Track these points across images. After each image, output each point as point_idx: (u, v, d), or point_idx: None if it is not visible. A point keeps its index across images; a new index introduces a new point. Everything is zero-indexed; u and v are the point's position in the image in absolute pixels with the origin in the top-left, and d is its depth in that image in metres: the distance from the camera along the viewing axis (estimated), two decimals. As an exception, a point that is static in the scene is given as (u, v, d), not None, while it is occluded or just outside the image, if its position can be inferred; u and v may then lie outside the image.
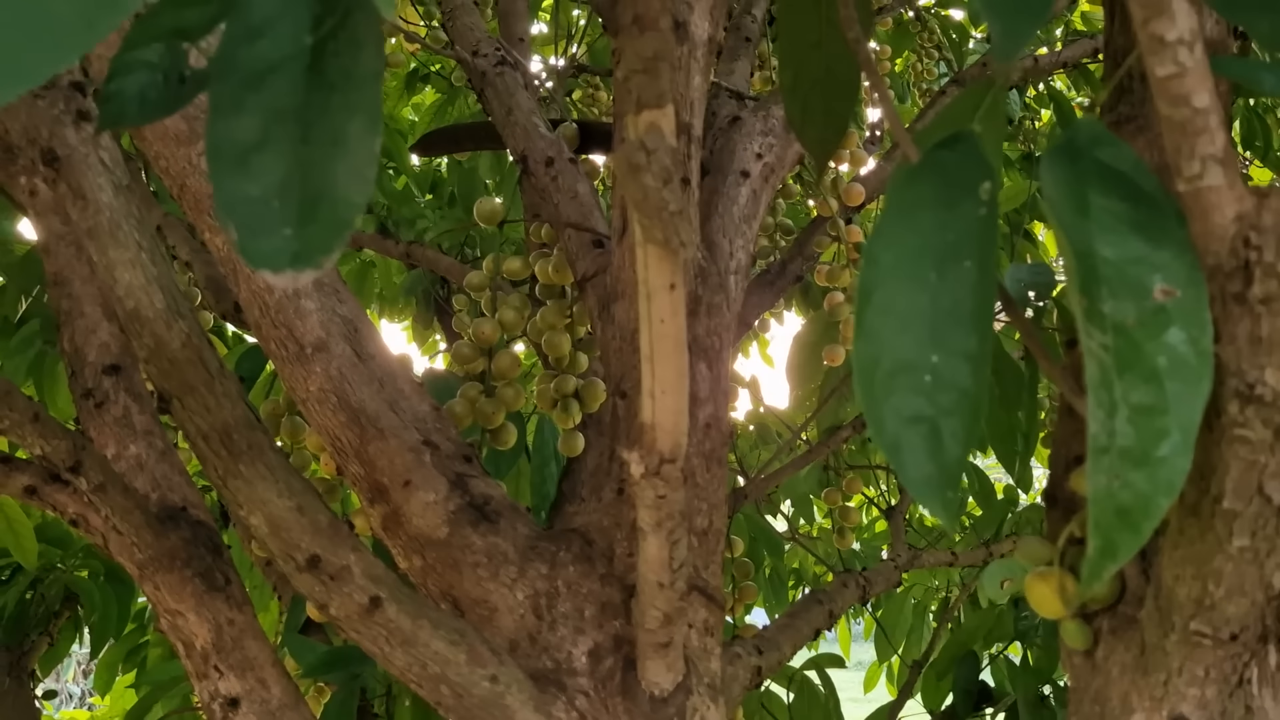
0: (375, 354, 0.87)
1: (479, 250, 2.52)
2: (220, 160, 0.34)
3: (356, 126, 0.35)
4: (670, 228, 0.52)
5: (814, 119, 0.66)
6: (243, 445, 0.68)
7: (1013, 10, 0.40)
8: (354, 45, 0.36)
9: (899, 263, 0.44)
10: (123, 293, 0.68)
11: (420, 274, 2.41)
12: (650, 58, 0.51)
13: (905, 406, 0.43)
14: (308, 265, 0.33)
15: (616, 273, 0.90)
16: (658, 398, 0.57)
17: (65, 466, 0.88)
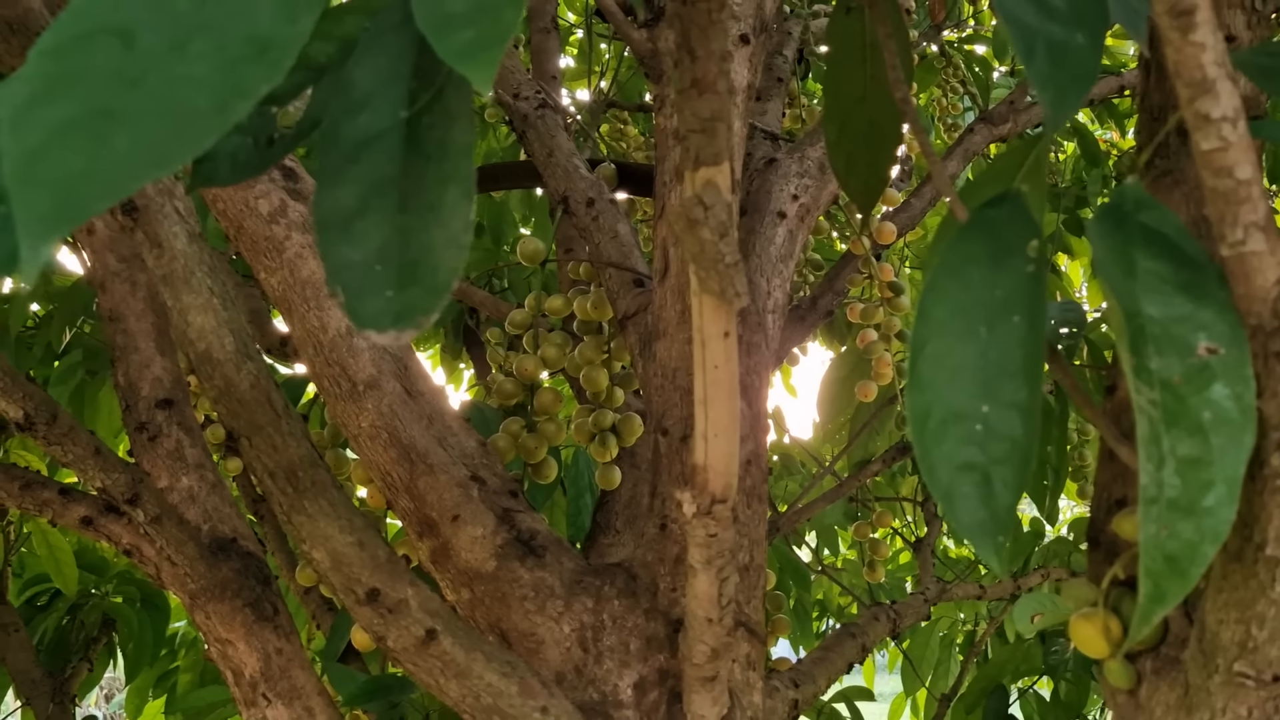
0: (425, 391, 0.89)
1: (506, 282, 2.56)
2: (326, 228, 0.37)
3: (451, 195, 0.37)
4: (726, 279, 0.54)
5: (858, 170, 0.68)
6: (307, 482, 0.70)
7: (1061, 82, 0.42)
8: (447, 119, 0.38)
9: (951, 317, 0.46)
10: (195, 335, 0.71)
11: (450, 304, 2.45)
12: (708, 118, 0.53)
13: (957, 455, 0.45)
14: (409, 325, 0.36)
15: (658, 312, 0.93)
16: (710, 440, 0.59)
17: (124, 499, 0.91)
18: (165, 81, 0.32)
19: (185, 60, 0.33)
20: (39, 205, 0.29)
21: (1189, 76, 0.35)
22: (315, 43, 0.48)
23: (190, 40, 0.33)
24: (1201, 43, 0.34)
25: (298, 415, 0.75)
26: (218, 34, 0.34)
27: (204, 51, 0.33)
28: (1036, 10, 0.43)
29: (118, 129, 0.31)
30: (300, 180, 0.89)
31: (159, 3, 0.34)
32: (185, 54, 0.33)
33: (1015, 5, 0.43)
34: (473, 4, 0.36)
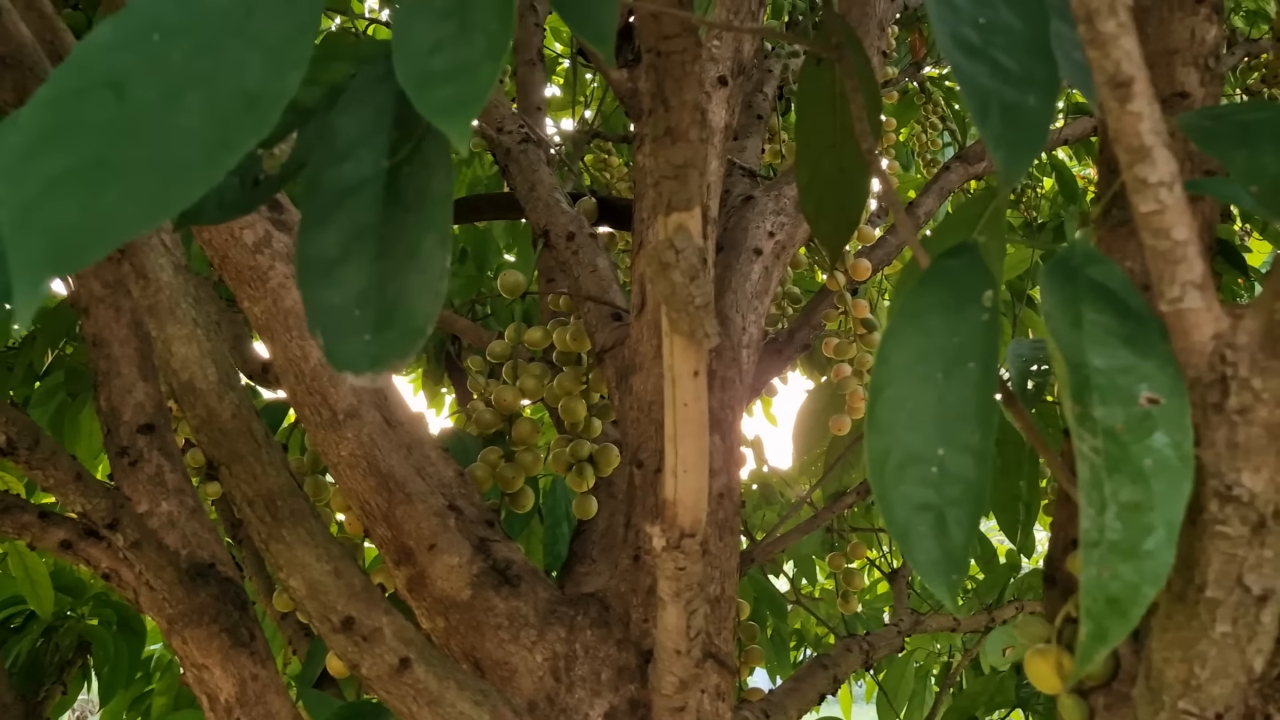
0: (404, 420, 0.91)
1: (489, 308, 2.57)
2: (308, 271, 0.38)
3: (429, 243, 0.39)
4: (696, 320, 0.56)
5: (827, 214, 0.71)
6: (285, 511, 0.72)
7: (1014, 142, 0.44)
8: (426, 169, 0.40)
9: (909, 363, 0.48)
10: (178, 366, 0.72)
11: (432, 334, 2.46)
12: (681, 165, 0.56)
13: (914, 495, 0.47)
14: (385, 368, 0.37)
15: (634, 346, 0.94)
16: (680, 476, 0.61)
17: (104, 523, 0.92)
18: (158, 133, 0.34)
19: (177, 112, 0.35)
20: (34, 253, 0.31)
21: (1128, 143, 0.37)
22: (302, 88, 0.50)
23: (183, 93, 0.35)
24: (1139, 112, 0.37)
25: (277, 445, 0.76)
26: (208, 87, 0.35)
27: (195, 104, 0.35)
28: (990, 72, 0.45)
29: (111, 180, 0.33)
30: (285, 211, 0.91)
31: (153, 56, 0.36)
32: (177, 106, 0.35)
33: (969, 66, 0.45)
34: (452, 62, 0.37)
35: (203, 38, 0.37)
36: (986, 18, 0.46)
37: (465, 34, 0.38)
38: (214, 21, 0.37)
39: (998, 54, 0.46)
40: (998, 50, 0.46)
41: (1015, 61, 0.45)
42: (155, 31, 0.37)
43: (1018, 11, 0.47)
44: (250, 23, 0.37)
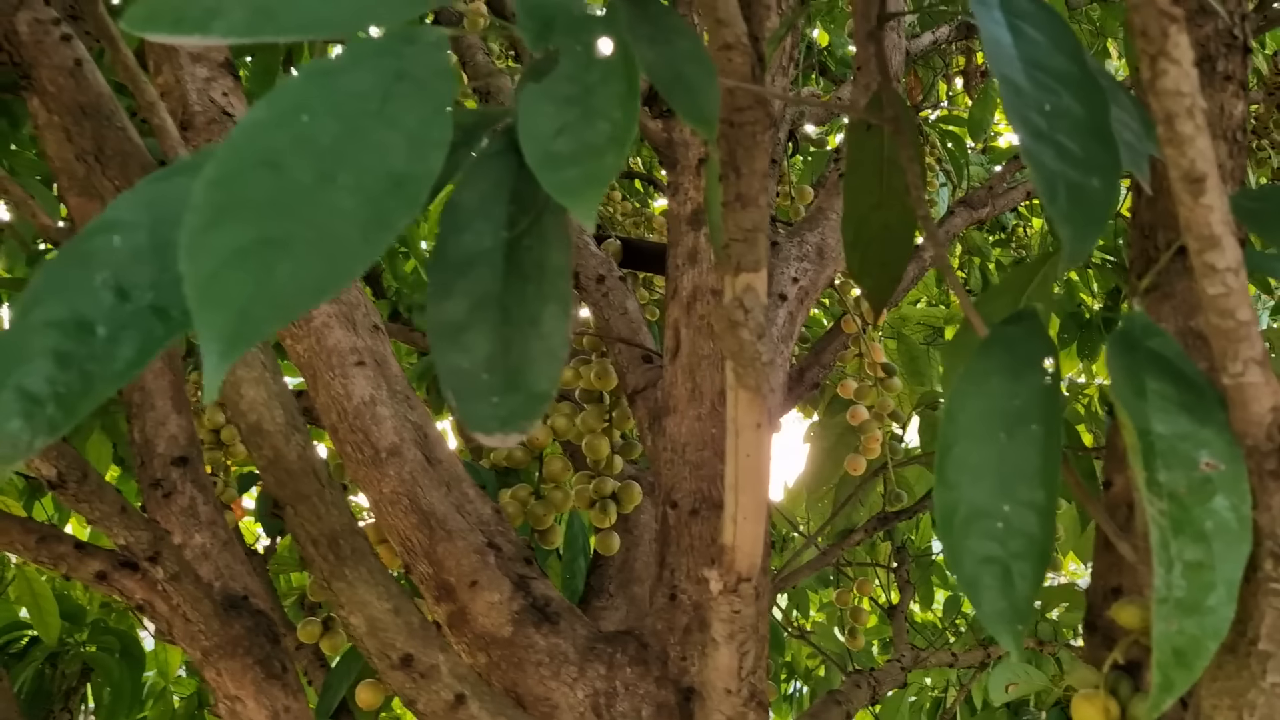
0: (443, 458, 0.93)
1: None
2: (438, 337, 0.41)
3: (550, 312, 0.42)
4: (761, 376, 0.59)
5: (871, 270, 0.74)
6: (347, 550, 0.74)
7: (1079, 221, 0.48)
8: (544, 242, 0.43)
9: (973, 423, 0.51)
10: (246, 408, 0.74)
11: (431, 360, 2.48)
12: (750, 229, 0.59)
13: (980, 549, 0.50)
14: (513, 430, 0.40)
15: (668, 389, 0.97)
16: (740, 523, 0.64)
17: (145, 556, 0.94)
18: (317, 212, 0.37)
19: (332, 192, 0.37)
20: (219, 328, 0.34)
21: (1198, 232, 0.41)
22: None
23: (335, 174, 0.38)
24: (1210, 205, 0.40)
25: (339, 485, 0.78)
26: (358, 169, 0.38)
27: (348, 185, 0.38)
28: (1056, 155, 0.49)
29: (280, 257, 0.35)
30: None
31: (304, 138, 0.39)
32: (332, 186, 0.37)
33: (1037, 149, 0.49)
34: (576, 146, 0.40)
35: (347, 120, 0.39)
36: (1051, 103, 0.50)
37: (588, 120, 0.41)
38: (354, 104, 0.40)
39: (1062, 138, 0.49)
40: (1062, 134, 0.49)
41: (1079, 145, 0.49)
42: (304, 113, 0.40)
43: (1079, 98, 0.50)
44: (388, 106, 0.40)
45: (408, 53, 0.42)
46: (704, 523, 0.90)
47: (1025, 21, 0.53)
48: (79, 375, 0.42)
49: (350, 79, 0.41)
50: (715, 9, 0.55)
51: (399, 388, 0.94)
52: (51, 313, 0.43)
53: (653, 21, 0.45)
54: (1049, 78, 0.50)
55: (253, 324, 0.34)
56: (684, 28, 0.46)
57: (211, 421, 1.50)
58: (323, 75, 0.41)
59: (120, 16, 0.75)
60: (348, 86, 0.41)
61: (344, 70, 0.41)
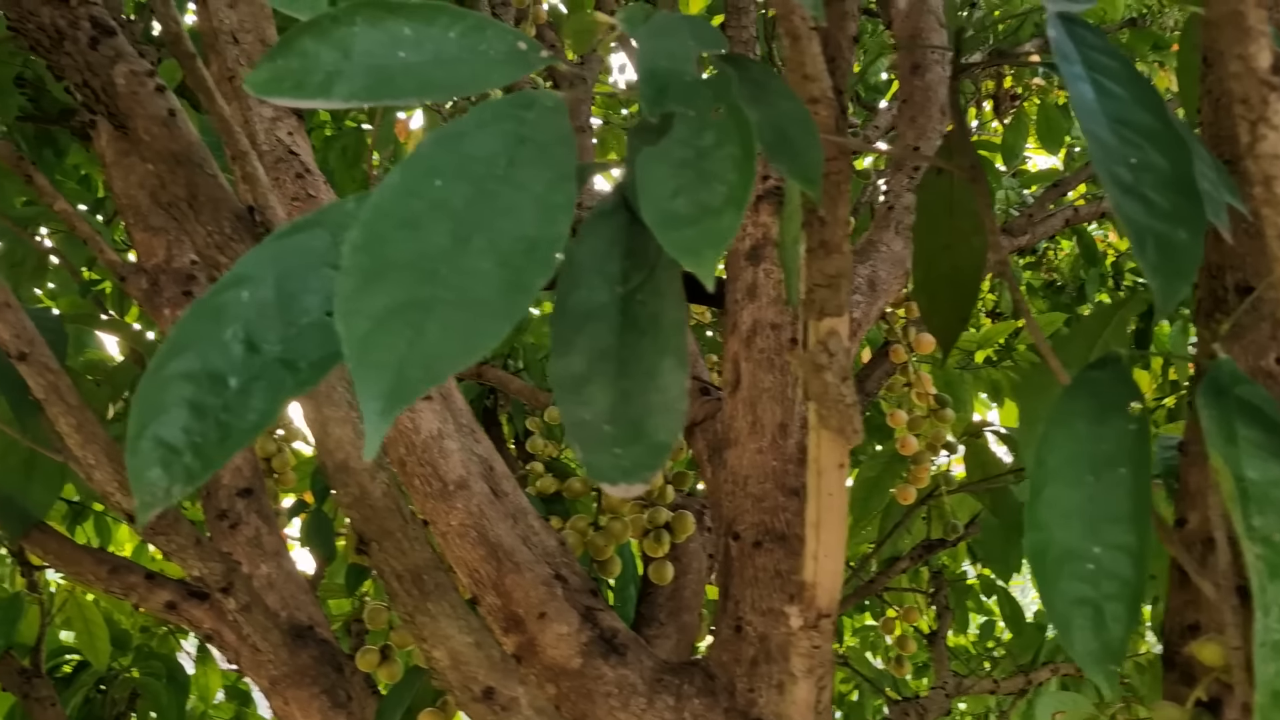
0: (509, 491, 0.95)
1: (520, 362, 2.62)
2: (561, 389, 0.43)
3: (667, 365, 0.43)
4: (846, 418, 0.61)
5: (940, 309, 0.75)
6: (431, 585, 0.76)
7: (1168, 272, 0.49)
8: (659, 296, 0.45)
9: (1061, 466, 0.53)
10: (333, 446, 0.77)
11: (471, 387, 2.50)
12: (833, 275, 0.60)
13: (1071, 590, 0.51)
14: (636, 480, 0.41)
15: (729, 421, 0.99)
16: (820, 560, 0.65)
17: (218, 587, 0.96)
18: (456, 275, 0.38)
19: (468, 255, 0.39)
20: (378, 387, 0.35)
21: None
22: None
23: (470, 237, 0.40)
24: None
25: (420, 522, 0.80)
26: (491, 232, 0.40)
27: (482, 248, 0.40)
28: (1144, 209, 0.50)
29: (428, 318, 0.37)
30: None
31: (438, 202, 0.41)
32: (468, 249, 0.39)
33: (1125, 202, 0.50)
34: (695, 206, 0.42)
35: (476, 183, 0.41)
36: (1137, 157, 0.51)
37: (704, 182, 0.43)
38: (482, 168, 0.42)
39: (1148, 191, 0.50)
40: (1148, 187, 0.51)
41: (1164, 198, 0.50)
42: (436, 177, 0.42)
43: (1163, 152, 0.52)
44: (514, 170, 0.42)
45: (527, 117, 0.44)
46: (768, 555, 0.91)
47: (1106, 76, 0.54)
48: (214, 425, 0.44)
49: (475, 143, 0.43)
50: (803, 65, 0.57)
51: (464, 421, 0.96)
52: (186, 365, 0.45)
53: (756, 83, 0.47)
54: (1133, 133, 0.52)
55: (408, 384, 0.36)
56: (785, 89, 0.48)
57: (262, 450, 1.52)
58: (450, 140, 0.43)
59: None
60: (474, 151, 0.43)
61: (469, 135, 0.43)
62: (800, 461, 0.98)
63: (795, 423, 0.99)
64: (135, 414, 0.44)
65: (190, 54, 0.66)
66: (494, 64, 0.49)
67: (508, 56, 0.49)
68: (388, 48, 0.49)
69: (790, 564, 0.92)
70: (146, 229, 1.17)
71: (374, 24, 0.49)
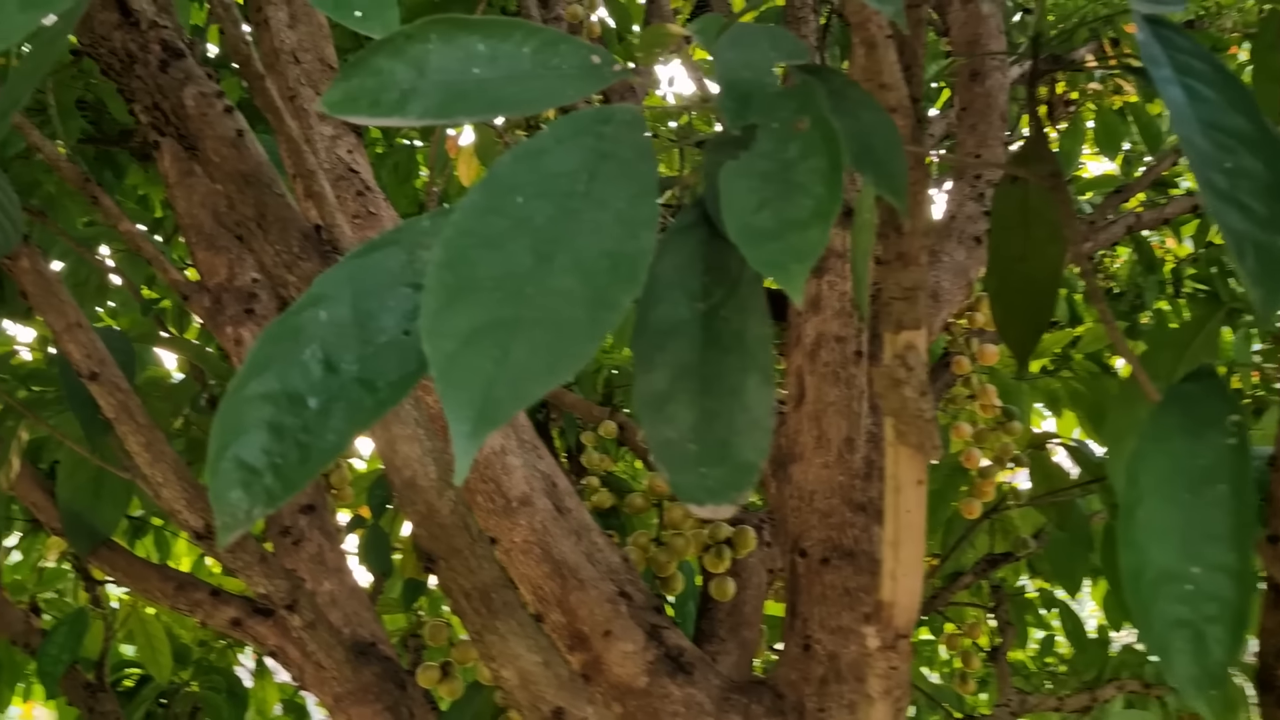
0: (572, 508, 0.94)
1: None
2: (645, 408, 0.42)
3: (752, 383, 0.42)
4: (925, 433, 0.59)
5: (1015, 321, 0.74)
6: (499, 603, 0.75)
7: (1269, 282, 0.47)
8: (742, 312, 0.44)
9: (1156, 484, 0.51)
10: (400, 464, 0.76)
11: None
12: (910, 287, 0.59)
13: (1169, 612, 0.49)
14: (724, 500, 0.40)
15: (793, 436, 0.98)
16: (899, 579, 0.63)
17: (283, 604, 0.96)
18: (541, 293, 0.38)
19: (552, 273, 0.39)
20: (466, 408, 0.35)
21: None
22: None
23: (553, 255, 0.39)
24: None
25: (487, 539, 0.79)
26: (574, 249, 0.39)
27: (566, 265, 0.39)
28: (1241, 215, 0.48)
29: (514, 338, 0.36)
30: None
31: (520, 219, 0.40)
32: (551, 267, 0.39)
33: (1222, 209, 0.48)
34: (781, 220, 0.41)
35: (557, 201, 0.41)
36: (1232, 162, 0.49)
37: (789, 196, 0.42)
38: (562, 185, 0.41)
39: (1244, 197, 0.49)
40: (1244, 194, 0.49)
41: (1262, 204, 0.48)
42: (517, 194, 0.41)
43: (1259, 156, 0.50)
44: (595, 186, 0.42)
45: (606, 132, 0.44)
46: (836, 572, 0.90)
47: (1197, 80, 0.52)
48: (294, 446, 0.44)
49: (555, 160, 0.42)
50: (880, 74, 0.56)
51: (526, 437, 0.96)
52: (265, 385, 0.45)
53: (839, 94, 0.46)
54: (1227, 137, 0.50)
55: (497, 404, 0.35)
56: (868, 99, 0.47)
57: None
58: (529, 157, 0.42)
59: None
60: (554, 167, 0.42)
61: (548, 150, 0.43)
62: (867, 476, 0.97)
63: (861, 437, 0.97)
64: (216, 434, 0.44)
65: (259, 75, 0.67)
66: (568, 79, 0.48)
67: (581, 71, 0.49)
68: (462, 64, 0.48)
69: (859, 581, 0.90)
70: (209, 248, 1.18)
71: (448, 40, 0.49)
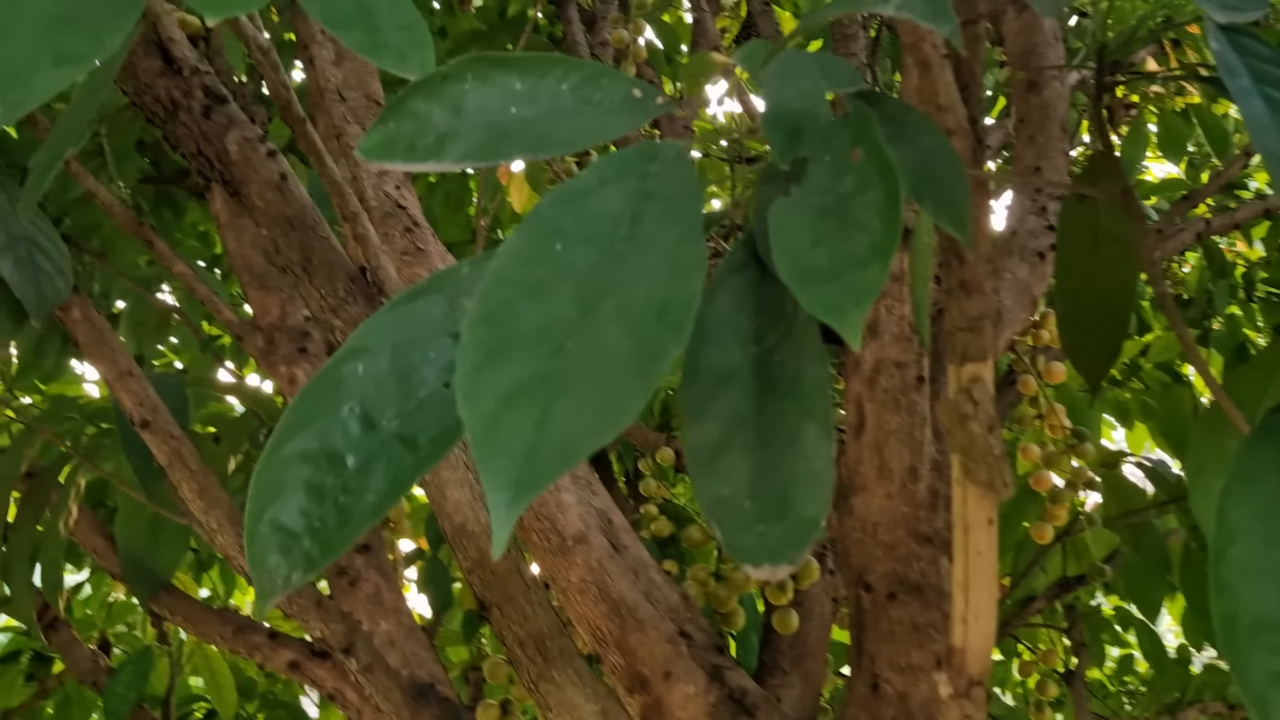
0: (629, 545, 0.92)
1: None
2: (696, 461, 0.40)
3: (810, 431, 0.40)
4: (995, 471, 0.56)
5: (1087, 345, 0.70)
6: (555, 651, 0.73)
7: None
8: (798, 356, 0.41)
9: (1249, 523, 0.47)
10: (451, 509, 0.75)
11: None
12: (975, 317, 0.56)
13: (1267, 665, 0.45)
14: (783, 561, 0.38)
15: (853, 466, 0.94)
16: (970, 624, 0.60)
17: (340, 648, 0.95)
18: (584, 346, 0.36)
19: (596, 324, 0.36)
20: (504, 475, 0.33)
21: None
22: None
23: (597, 304, 0.37)
24: None
25: (542, 586, 0.78)
26: (619, 297, 0.37)
27: (611, 315, 0.37)
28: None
29: (556, 396, 0.34)
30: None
31: (562, 266, 0.38)
32: (595, 318, 0.37)
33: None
34: (837, 257, 0.39)
35: (600, 245, 0.39)
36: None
37: (846, 231, 0.39)
38: (606, 228, 0.39)
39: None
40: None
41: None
42: (557, 240, 0.39)
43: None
44: (640, 228, 0.40)
45: (650, 170, 0.42)
46: (903, 608, 0.86)
47: (1276, 89, 0.49)
48: (333, 508, 0.42)
49: (598, 201, 0.40)
50: (936, 95, 0.53)
51: (580, 473, 0.94)
52: (303, 444, 0.43)
53: (894, 120, 0.44)
54: (1313, 149, 0.47)
55: (539, 469, 0.33)
56: (926, 124, 0.44)
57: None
58: (570, 199, 0.40)
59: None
60: (597, 209, 0.40)
61: (590, 192, 0.41)
62: (932, 506, 0.93)
63: (925, 466, 0.94)
64: (253, 497, 0.43)
65: (300, 118, 0.66)
66: (609, 114, 0.47)
67: (624, 105, 0.47)
68: (500, 104, 0.47)
69: (928, 617, 0.87)
70: (261, 288, 1.18)
71: (485, 80, 0.47)
